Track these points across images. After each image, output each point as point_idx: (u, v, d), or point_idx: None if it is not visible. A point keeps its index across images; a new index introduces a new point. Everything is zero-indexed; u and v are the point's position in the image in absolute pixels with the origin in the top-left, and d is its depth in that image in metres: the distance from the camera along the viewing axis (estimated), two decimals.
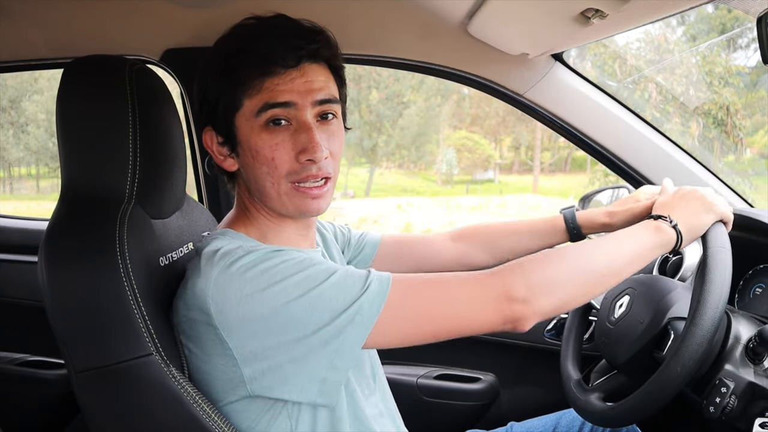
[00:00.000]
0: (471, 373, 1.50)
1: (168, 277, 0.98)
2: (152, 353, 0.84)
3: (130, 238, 0.87)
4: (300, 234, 0.96)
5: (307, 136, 0.84)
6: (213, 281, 0.80)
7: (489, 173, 19.02)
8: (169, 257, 1.01)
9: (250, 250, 0.82)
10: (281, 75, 0.84)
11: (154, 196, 0.98)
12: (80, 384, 0.85)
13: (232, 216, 0.97)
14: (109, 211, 0.89)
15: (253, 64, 0.84)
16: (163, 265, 0.98)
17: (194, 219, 1.16)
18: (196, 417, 0.84)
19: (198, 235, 1.14)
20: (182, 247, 1.07)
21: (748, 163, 11.24)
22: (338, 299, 0.78)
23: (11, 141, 15.86)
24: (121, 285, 0.83)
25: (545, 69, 1.45)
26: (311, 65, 0.87)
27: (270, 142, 0.85)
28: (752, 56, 11.11)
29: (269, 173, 0.86)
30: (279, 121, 0.85)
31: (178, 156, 1.05)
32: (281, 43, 0.84)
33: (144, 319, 0.84)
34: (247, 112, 0.86)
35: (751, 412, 0.91)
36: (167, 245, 1.01)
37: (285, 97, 0.84)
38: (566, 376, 1.21)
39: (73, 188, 0.93)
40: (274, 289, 0.78)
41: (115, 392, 0.85)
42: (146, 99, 0.95)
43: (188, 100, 1.60)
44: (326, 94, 0.87)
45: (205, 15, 1.44)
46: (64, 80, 0.93)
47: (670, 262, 1.32)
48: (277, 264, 0.80)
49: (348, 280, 0.80)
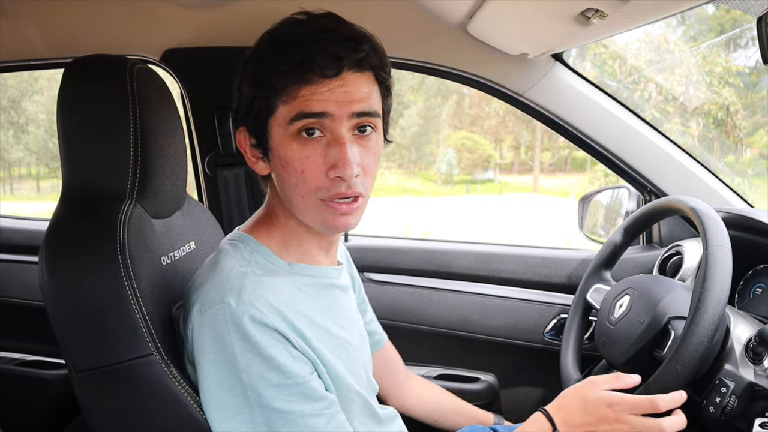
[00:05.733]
0: (471, 373, 1.50)
1: (170, 276, 0.98)
2: (152, 353, 0.84)
3: (131, 238, 0.87)
4: (321, 248, 0.93)
5: (339, 151, 0.79)
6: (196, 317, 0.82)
7: (489, 173, 19.02)
8: (171, 256, 1.00)
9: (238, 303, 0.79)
10: (319, 84, 0.79)
11: (155, 196, 0.98)
12: (81, 384, 0.85)
13: (259, 217, 0.94)
14: (109, 211, 0.89)
15: (290, 70, 0.79)
16: (165, 264, 0.98)
17: (195, 218, 1.16)
18: (196, 418, 0.84)
19: (199, 234, 1.14)
20: (184, 246, 1.07)
21: (748, 163, 11.24)
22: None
23: (11, 141, 15.87)
24: (121, 285, 0.83)
25: (545, 69, 1.45)
26: (354, 74, 0.81)
27: (301, 153, 0.80)
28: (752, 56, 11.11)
29: (298, 185, 0.82)
30: (312, 131, 0.80)
31: (178, 156, 1.05)
32: (322, 50, 0.78)
33: (144, 319, 0.84)
34: (280, 118, 0.81)
35: (751, 412, 0.91)
36: (169, 244, 1.01)
37: (320, 107, 0.79)
38: (566, 376, 1.21)
39: (73, 188, 0.93)
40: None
41: (115, 392, 0.85)
42: (147, 98, 0.95)
43: (188, 99, 1.60)
44: (366, 106, 0.81)
45: (205, 15, 1.45)
46: (65, 80, 0.93)
47: (670, 262, 1.32)
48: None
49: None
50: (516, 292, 1.54)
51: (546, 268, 1.57)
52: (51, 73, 12.21)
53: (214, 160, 1.62)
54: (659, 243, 1.52)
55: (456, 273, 1.61)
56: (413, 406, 1.24)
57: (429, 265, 1.64)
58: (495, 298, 1.53)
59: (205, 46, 1.52)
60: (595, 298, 1.24)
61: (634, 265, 1.47)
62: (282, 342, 0.79)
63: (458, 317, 1.55)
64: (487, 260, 1.62)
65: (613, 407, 0.86)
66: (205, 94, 1.60)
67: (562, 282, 1.56)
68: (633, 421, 0.86)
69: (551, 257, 1.58)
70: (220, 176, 1.62)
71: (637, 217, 1.24)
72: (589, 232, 1.63)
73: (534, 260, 1.59)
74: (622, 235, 1.26)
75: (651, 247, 1.54)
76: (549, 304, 1.50)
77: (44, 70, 1.79)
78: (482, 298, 1.54)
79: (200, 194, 1.70)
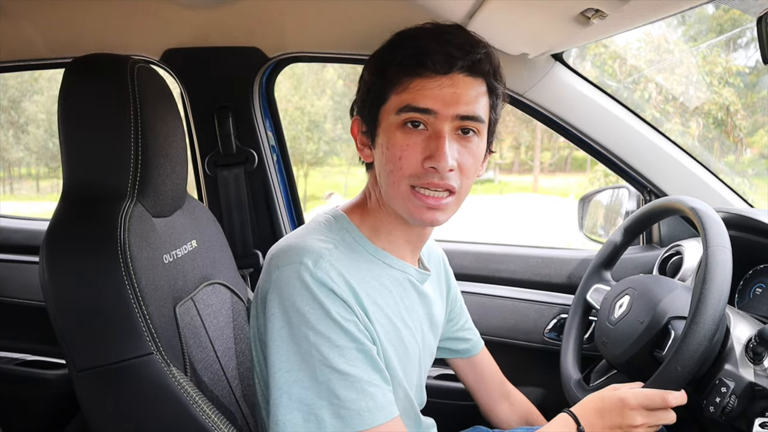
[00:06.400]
0: None
1: (172, 274, 0.98)
2: (153, 352, 0.84)
3: (132, 237, 0.87)
4: (409, 243, 0.96)
5: (437, 144, 0.83)
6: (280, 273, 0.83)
7: (489, 173, 19.01)
8: (173, 254, 1.01)
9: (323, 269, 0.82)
10: (430, 79, 0.83)
11: (155, 195, 0.98)
12: (81, 383, 0.85)
13: (356, 201, 0.97)
14: (110, 210, 0.89)
15: (405, 63, 0.84)
16: (167, 262, 0.98)
17: (196, 217, 1.16)
18: (195, 417, 0.84)
19: (201, 233, 1.15)
20: (186, 245, 1.07)
21: (748, 163, 11.24)
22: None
23: (11, 141, 15.86)
24: (122, 284, 0.83)
25: (545, 69, 1.45)
26: (465, 77, 0.85)
27: (403, 142, 0.85)
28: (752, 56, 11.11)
29: (393, 171, 0.86)
30: (417, 123, 0.84)
31: (179, 155, 1.05)
32: (438, 48, 0.83)
33: (145, 318, 0.84)
34: (390, 107, 0.86)
35: (751, 412, 0.91)
36: (170, 243, 1.01)
37: (427, 104, 0.83)
38: (566, 375, 1.21)
39: (74, 187, 0.93)
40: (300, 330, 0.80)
41: (115, 391, 0.85)
42: (148, 98, 0.95)
43: (188, 99, 1.61)
44: (470, 110, 0.85)
45: (205, 15, 1.45)
46: (65, 79, 0.93)
47: (670, 262, 1.32)
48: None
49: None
50: (516, 292, 1.54)
51: (546, 268, 1.57)
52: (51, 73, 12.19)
53: (214, 160, 1.62)
54: (659, 243, 1.52)
55: (456, 273, 1.60)
56: (499, 429, 1.22)
57: None
58: (495, 298, 1.53)
59: (205, 46, 1.53)
60: (595, 298, 1.24)
61: (634, 265, 1.47)
62: (348, 312, 0.82)
63: None
64: (487, 260, 1.62)
65: (628, 402, 0.88)
66: (205, 94, 1.60)
67: (562, 282, 1.56)
68: (647, 418, 0.88)
69: (551, 257, 1.58)
70: (220, 176, 1.63)
71: (637, 217, 1.24)
72: (589, 232, 1.63)
73: (534, 260, 1.59)
74: (622, 235, 1.26)
75: (651, 247, 1.54)
76: (549, 304, 1.50)
77: (44, 70, 1.79)
78: (482, 298, 1.54)
79: (200, 194, 1.70)
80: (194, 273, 1.08)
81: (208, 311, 1.09)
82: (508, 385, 1.25)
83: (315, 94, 15.87)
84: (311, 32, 1.51)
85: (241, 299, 1.24)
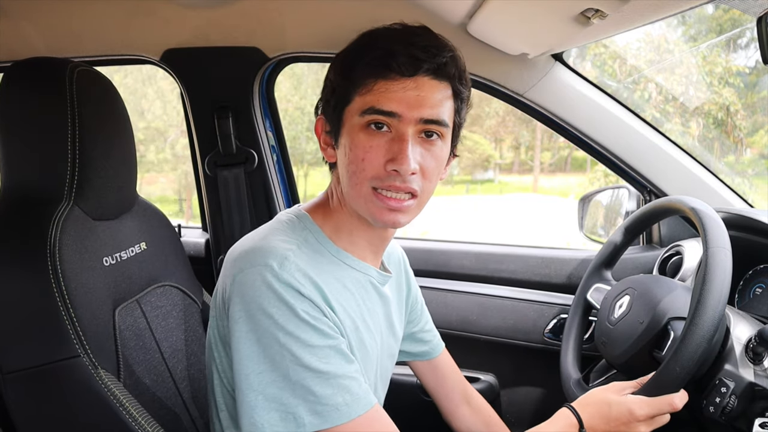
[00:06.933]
0: (471, 374, 1.50)
1: (113, 277, 0.98)
2: (79, 355, 0.84)
3: (65, 239, 0.87)
4: (371, 245, 0.95)
5: (400, 147, 0.83)
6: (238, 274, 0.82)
7: (489, 173, 19.02)
8: (116, 257, 1.00)
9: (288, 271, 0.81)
10: (394, 81, 0.83)
11: (96, 198, 0.97)
12: (8, 385, 0.84)
13: (318, 201, 0.97)
14: (44, 213, 0.89)
15: (370, 64, 0.84)
16: (108, 265, 0.98)
17: (147, 219, 1.15)
18: (122, 420, 0.84)
19: (151, 235, 1.14)
20: (133, 247, 1.06)
21: (748, 163, 11.24)
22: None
23: None
24: (49, 286, 0.83)
25: (545, 69, 1.45)
26: (430, 80, 0.84)
27: (365, 143, 0.84)
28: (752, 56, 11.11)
29: (355, 173, 0.85)
30: (381, 125, 0.84)
31: (125, 158, 1.04)
32: (403, 50, 0.83)
33: (72, 321, 0.84)
34: (354, 108, 0.86)
35: (751, 412, 0.91)
36: (113, 245, 1.01)
37: (391, 107, 0.83)
38: (566, 375, 1.21)
39: (11, 190, 0.93)
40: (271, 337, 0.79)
41: (41, 394, 0.85)
42: (88, 101, 0.94)
43: (188, 99, 1.60)
44: (434, 114, 0.84)
45: (205, 15, 1.45)
46: (4, 82, 0.93)
47: (670, 262, 1.32)
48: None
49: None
50: (516, 292, 1.54)
51: (546, 268, 1.57)
52: None
53: (214, 160, 1.62)
54: (659, 243, 1.52)
55: (456, 273, 1.61)
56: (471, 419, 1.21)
57: (428, 264, 1.64)
58: (495, 298, 1.53)
59: (205, 46, 1.53)
60: (596, 297, 1.24)
61: (634, 265, 1.47)
62: (316, 310, 0.81)
63: (458, 317, 1.55)
64: (486, 260, 1.62)
65: (636, 415, 0.88)
66: (205, 94, 1.60)
67: (562, 282, 1.56)
68: (650, 426, 0.89)
69: (551, 257, 1.58)
70: (220, 176, 1.62)
71: (637, 217, 1.24)
72: (589, 232, 1.63)
73: (534, 260, 1.59)
74: (623, 235, 1.26)
75: (651, 247, 1.54)
76: (549, 304, 1.50)
77: None
78: (482, 298, 1.54)
79: (200, 194, 1.70)
80: (141, 275, 1.08)
81: (156, 313, 1.09)
82: (470, 388, 1.24)
83: (315, 94, 15.76)
84: (311, 32, 1.51)
85: (195, 301, 1.23)
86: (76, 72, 0.94)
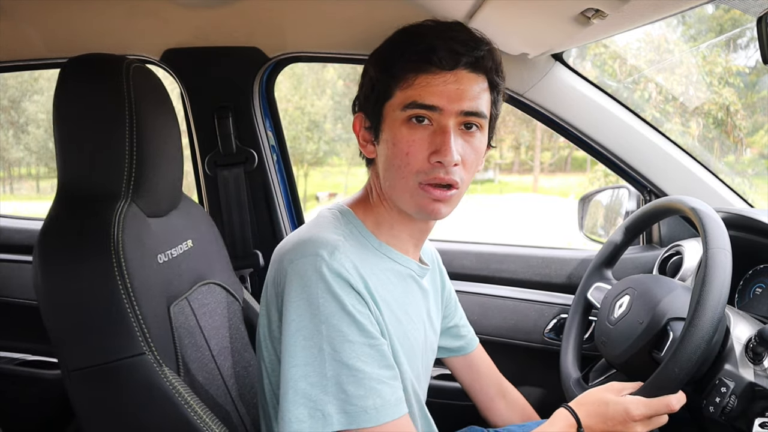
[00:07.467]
0: None
1: (166, 274, 0.98)
2: (145, 352, 0.84)
3: (126, 237, 0.87)
4: (412, 237, 0.97)
5: (443, 139, 0.85)
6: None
7: (489, 173, 19.01)
8: (168, 254, 1.00)
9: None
10: (435, 75, 0.85)
11: (151, 195, 0.97)
12: (73, 383, 0.84)
13: (359, 196, 0.98)
14: (104, 210, 0.89)
15: (411, 59, 0.86)
16: (162, 262, 0.98)
17: (192, 217, 1.16)
18: (186, 417, 0.84)
19: (197, 233, 1.14)
20: (181, 244, 1.07)
21: (748, 163, 11.23)
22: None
23: (11, 141, 15.86)
24: (115, 284, 0.83)
25: (545, 69, 1.45)
26: (469, 74, 0.87)
27: (409, 137, 0.86)
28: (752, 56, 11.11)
29: (401, 167, 0.87)
30: (422, 119, 0.86)
31: (174, 155, 1.04)
32: (443, 44, 0.85)
33: (137, 318, 0.84)
34: (395, 103, 0.87)
35: (751, 412, 0.91)
36: (165, 243, 1.01)
37: (432, 101, 0.85)
38: (566, 374, 1.21)
39: (69, 187, 0.93)
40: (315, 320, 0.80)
41: (106, 391, 0.85)
42: (143, 97, 0.94)
43: (188, 99, 1.60)
44: (474, 106, 0.86)
45: (205, 15, 1.44)
46: (61, 79, 0.93)
47: (670, 262, 1.32)
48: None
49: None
50: (516, 292, 1.54)
51: (546, 268, 1.58)
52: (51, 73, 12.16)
53: (214, 160, 1.62)
54: (659, 243, 1.52)
55: (456, 273, 1.61)
56: (495, 428, 1.22)
57: None
58: (495, 298, 1.53)
59: (205, 46, 1.53)
60: (596, 296, 1.24)
61: (634, 265, 1.47)
62: (362, 304, 0.83)
63: None
64: (487, 260, 1.62)
65: (632, 415, 0.88)
66: (205, 94, 1.60)
67: (563, 282, 1.56)
68: (647, 426, 0.90)
69: (551, 257, 1.58)
70: (220, 176, 1.62)
71: (637, 217, 1.24)
72: (589, 232, 1.63)
73: (534, 260, 1.59)
74: (623, 234, 1.26)
75: (651, 247, 1.54)
76: (549, 304, 1.50)
77: (44, 70, 1.79)
78: (482, 298, 1.54)
79: (200, 194, 1.70)
80: (189, 273, 1.08)
81: (203, 311, 1.09)
82: (505, 382, 1.25)
83: (315, 94, 15.86)
84: (311, 32, 1.51)
85: (237, 299, 1.23)
86: (131, 68, 0.94)
